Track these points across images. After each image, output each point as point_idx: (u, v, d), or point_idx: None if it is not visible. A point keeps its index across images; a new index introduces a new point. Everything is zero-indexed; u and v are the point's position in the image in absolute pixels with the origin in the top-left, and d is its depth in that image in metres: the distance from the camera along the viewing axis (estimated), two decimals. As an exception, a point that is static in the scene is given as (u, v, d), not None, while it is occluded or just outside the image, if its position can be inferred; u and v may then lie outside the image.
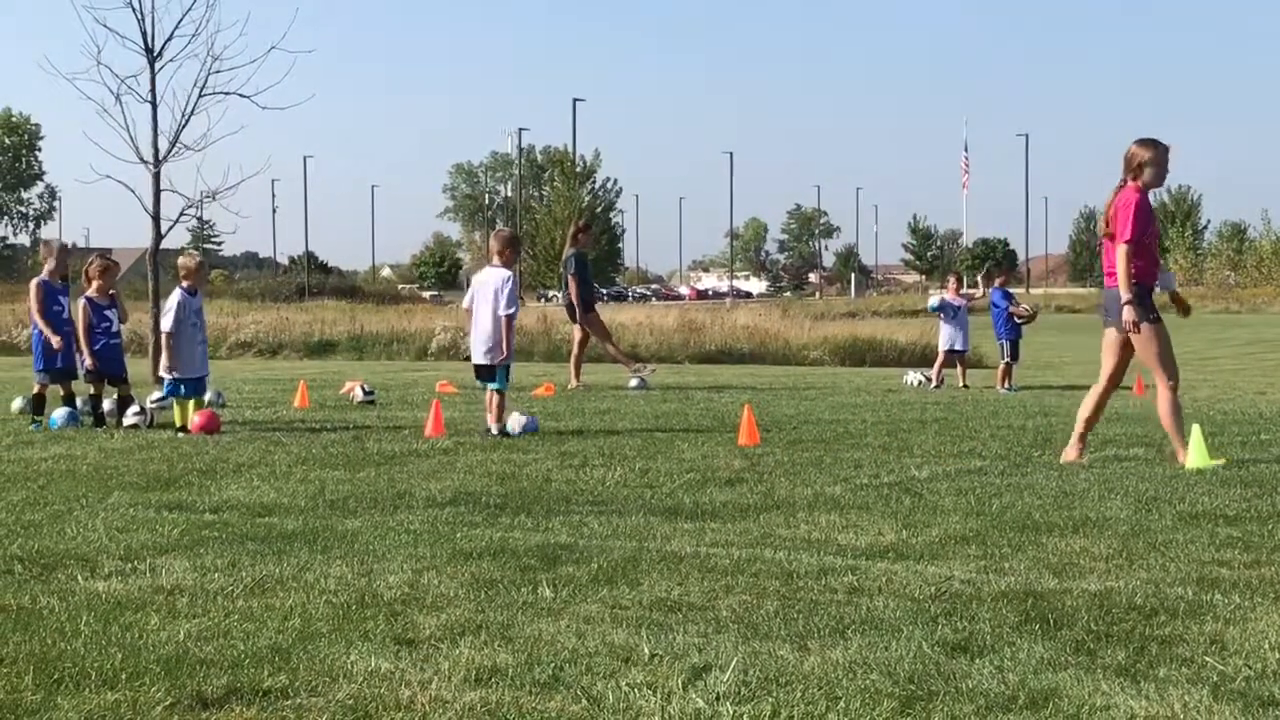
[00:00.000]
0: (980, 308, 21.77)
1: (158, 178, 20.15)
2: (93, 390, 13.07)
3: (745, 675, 4.25)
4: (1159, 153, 9.42)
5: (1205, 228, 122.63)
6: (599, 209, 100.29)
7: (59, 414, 12.84)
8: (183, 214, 21.81)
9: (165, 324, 12.65)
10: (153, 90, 20.09)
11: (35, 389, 13.15)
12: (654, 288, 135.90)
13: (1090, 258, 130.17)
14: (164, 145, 20.16)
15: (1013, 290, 21.58)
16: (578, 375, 18.74)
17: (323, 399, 16.17)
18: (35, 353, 13.32)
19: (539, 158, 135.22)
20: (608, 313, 27.48)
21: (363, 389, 15.92)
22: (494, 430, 11.57)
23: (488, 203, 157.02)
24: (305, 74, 67.09)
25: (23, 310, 23.15)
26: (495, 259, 12.22)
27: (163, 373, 12.78)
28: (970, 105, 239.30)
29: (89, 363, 12.94)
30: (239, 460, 9.93)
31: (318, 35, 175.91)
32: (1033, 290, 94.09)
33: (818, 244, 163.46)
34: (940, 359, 20.85)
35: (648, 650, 4.54)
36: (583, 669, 4.34)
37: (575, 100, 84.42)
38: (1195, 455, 9.21)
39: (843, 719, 3.88)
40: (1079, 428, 9.84)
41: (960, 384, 20.19)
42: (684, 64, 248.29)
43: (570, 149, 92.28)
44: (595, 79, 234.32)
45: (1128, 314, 9.31)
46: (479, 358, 11.91)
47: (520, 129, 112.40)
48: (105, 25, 20.25)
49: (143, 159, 20.16)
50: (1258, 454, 10.24)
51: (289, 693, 4.11)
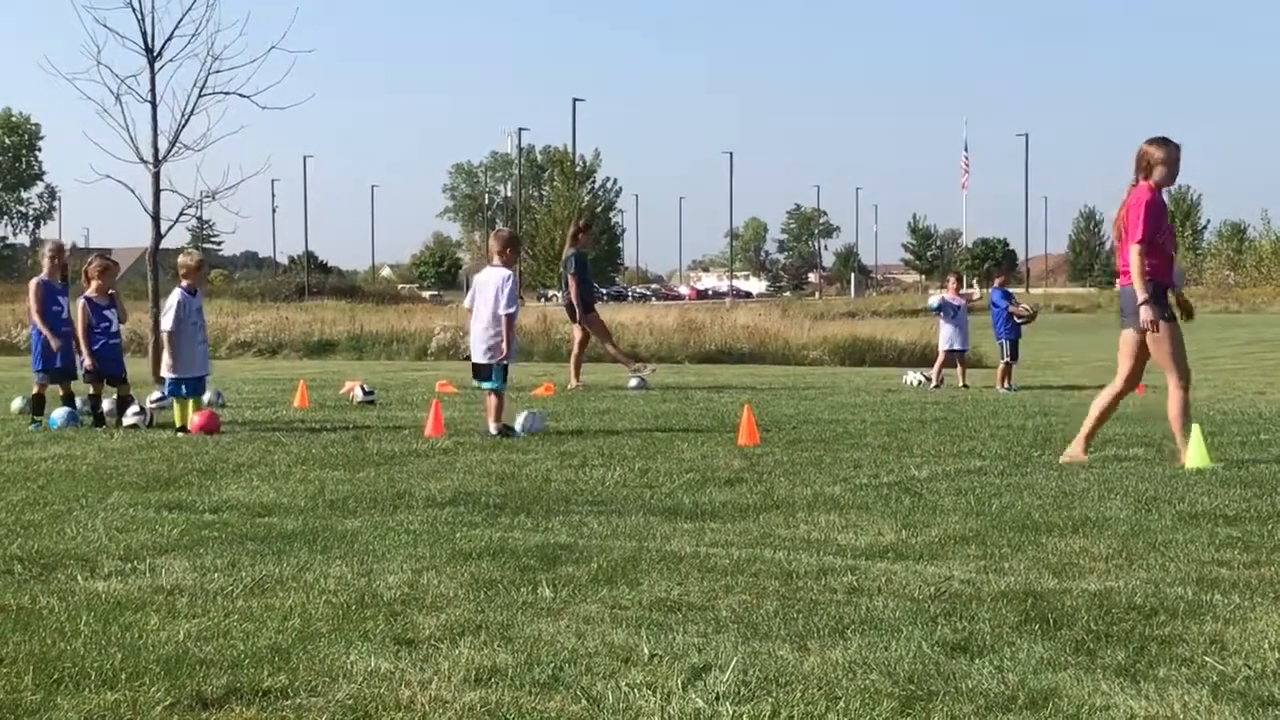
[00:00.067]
0: (980, 307, 21.80)
1: (157, 177, 20.18)
2: (92, 390, 13.07)
3: (745, 675, 4.24)
4: (1170, 151, 9.40)
5: (1205, 228, 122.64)
6: (599, 209, 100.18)
7: (58, 414, 12.83)
8: (182, 214, 21.90)
9: (166, 323, 12.64)
10: (153, 90, 20.15)
11: (35, 389, 13.16)
12: (654, 287, 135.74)
13: (1090, 258, 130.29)
14: (164, 145, 20.23)
15: (1012, 290, 21.60)
16: (577, 375, 18.75)
17: (322, 399, 16.18)
18: (34, 353, 13.32)
19: (539, 158, 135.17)
20: (607, 312, 27.48)
21: (362, 389, 15.92)
22: (493, 431, 11.57)
23: (488, 203, 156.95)
24: (305, 74, 67.07)
25: (23, 310, 23.14)
26: (495, 259, 12.23)
27: (164, 372, 12.78)
28: (970, 105, 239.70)
29: (88, 363, 12.94)
30: (239, 460, 9.93)
31: (318, 35, 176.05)
32: (1032, 290, 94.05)
33: (817, 244, 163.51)
34: (940, 359, 20.86)
35: (647, 650, 4.53)
36: (582, 669, 4.34)
37: (575, 100, 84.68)
38: (1195, 455, 9.21)
39: (842, 719, 3.89)
40: (1086, 426, 9.79)
41: (960, 384, 20.20)
42: (684, 64, 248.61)
43: (570, 149, 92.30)
44: (595, 79, 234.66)
45: (1145, 313, 9.26)
46: (479, 356, 11.93)
47: (520, 129, 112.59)
48: (105, 25, 20.37)
49: (142, 159, 20.20)
50: (1257, 454, 10.24)
51: (289, 693, 4.11)
